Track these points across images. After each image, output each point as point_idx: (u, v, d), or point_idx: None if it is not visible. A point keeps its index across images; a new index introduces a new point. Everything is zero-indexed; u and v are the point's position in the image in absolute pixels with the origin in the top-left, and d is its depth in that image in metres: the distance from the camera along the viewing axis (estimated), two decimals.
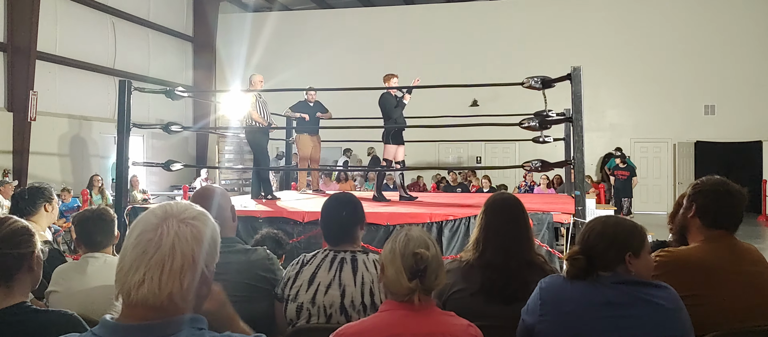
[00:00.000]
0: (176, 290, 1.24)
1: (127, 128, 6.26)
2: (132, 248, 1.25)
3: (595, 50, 15.59)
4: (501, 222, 2.50)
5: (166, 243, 1.24)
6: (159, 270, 1.22)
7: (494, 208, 2.57)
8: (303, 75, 15.32)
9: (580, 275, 2.00)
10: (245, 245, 2.63)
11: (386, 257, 1.91)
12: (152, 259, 1.23)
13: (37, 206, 3.53)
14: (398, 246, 1.89)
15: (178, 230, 1.26)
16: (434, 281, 1.87)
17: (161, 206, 1.33)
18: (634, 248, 2.03)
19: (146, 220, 1.29)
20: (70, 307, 2.43)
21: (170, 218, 1.28)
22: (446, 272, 2.02)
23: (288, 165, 10.55)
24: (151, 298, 1.22)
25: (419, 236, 1.92)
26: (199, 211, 1.35)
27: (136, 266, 1.23)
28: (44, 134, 12.49)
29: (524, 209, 2.60)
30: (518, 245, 2.46)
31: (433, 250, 1.89)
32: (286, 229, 5.76)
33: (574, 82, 5.45)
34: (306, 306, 2.37)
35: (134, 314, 1.23)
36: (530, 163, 5.67)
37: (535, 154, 11.54)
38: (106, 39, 14.48)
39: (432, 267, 1.86)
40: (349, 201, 2.60)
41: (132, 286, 1.22)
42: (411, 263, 1.84)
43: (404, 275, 1.83)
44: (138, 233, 1.27)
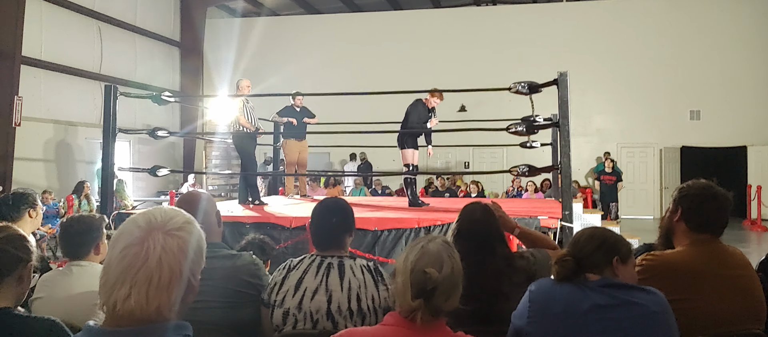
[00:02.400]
0: (164, 302, 1.23)
1: (113, 134, 6.21)
2: (117, 262, 1.23)
3: (582, 56, 15.71)
4: (467, 251, 2.39)
5: (153, 257, 1.22)
6: (146, 285, 1.21)
7: (461, 233, 2.58)
8: (290, 80, 15.29)
9: (568, 276, 1.98)
10: (231, 251, 2.60)
11: (399, 266, 1.81)
12: (139, 273, 1.21)
13: (21, 211, 3.50)
14: (411, 259, 1.78)
15: (164, 243, 1.25)
16: (444, 303, 1.75)
17: (144, 216, 1.30)
18: (622, 253, 2.05)
19: (130, 232, 1.26)
20: (55, 314, 2.40)
21: (155, 231, 1.26)
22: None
23: (275, 171, 10.51)
24: (139, 311, 1.20)
25: (436, 252, 1.79)
26: (184, 220, 1.33)
27: (121, 279, 1.21)
28: (29, 140, 12.37)
29: (495, 228, 2.61)
30: (488, 273, 2.45)
31: (448, 270, 1.77)
32: (273, 234, 5.73)
33: (560, 87, 5.47)
34: (292, 312, 2.35)
35: (119, 323, 1.22)
36: (517, 168, 5.68)
37: (523, 159, 11.51)
38: (92, 44, 14.38)
39: (442, 288, 1.73)
40: (340, 208, 2.58)
41: (118, 299, 1.20)
42: (419, 280, 1.73)
43: (409, 291, 1.73)
44: (123, 246, 1.24)
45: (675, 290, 2.17)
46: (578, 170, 15.16)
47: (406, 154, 7.60)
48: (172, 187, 15.67)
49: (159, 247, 1.24)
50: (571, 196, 5.52)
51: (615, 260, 2.01)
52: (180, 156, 17.44)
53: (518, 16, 16.87)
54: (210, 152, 15.77)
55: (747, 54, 15.45)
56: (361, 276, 2.39)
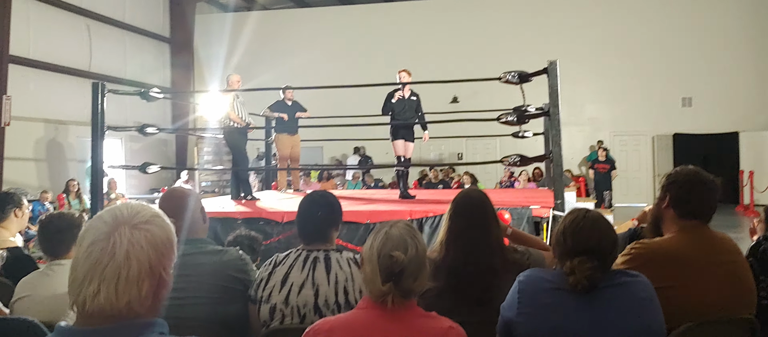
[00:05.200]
0: (134, 297, 1.20)
1: (102, 131, 6.17)
2: (84, 259, 1.20)
3: (574, 45, 15.67)
4: (464, 227, 2.49)
5: (120, 252, 1.20)
6: (114, 280, 1.18)
7: (457, 210, 2.56)
8: (283, 75, 15.13)
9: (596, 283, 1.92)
10: (217, 246, 2.58)
11: (365, 254, 1.87)
12: (106, 269, 1.19)
13: (7, 211, 3.48)
14: (376, 245, 1.84)
15: (130, 237, 1.22)
16: (412, 283, 1.81)
17: (110, 211, 1.27)
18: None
19: (96, 228, 1.24)
20: (38, 314, 2.37)
21: (121, 226, 1.23)
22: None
23: (268, 165, 10.47)
24: (108, 307, 1.18)
25: (399, 235, 1.84)
26: (151, 213, 1.30)
27: (89, 276, 1.18)
28: (19, 139, 12.28)
29: (491, 210, 2.59)
30: (482, 249, 2.45)
31: (413, 252, 1.82)
32: (265, 229, 5.71)
33: (550, 76, 5.46)
34: (279, 307, 2.33)
35: (91, 321, 1.19)
36: (509, 158, 5.67)
37: (515, 149, 11.48)
38: (80, 41, 14.27)
39: (409, 270, 1.79)
40: (326, 201, 2.55)
41: (87, 296, 1.18)
42: (386, 265, 1.78)
43: (378, 276, 1.78)
44: (89, 242, 1.22)
45: (664, 278, 2.16)
46: (571, 159, 15.16)
47: (395, 146, 7.61)
48: (165, 184, 15.61)
49: (126, 241, 1.21)
50: (563, 185, 5.51)
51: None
52: (172, 153, 17.36)
53: (510, 6, 16.81)
54: (202, 148, 15.70)
55: (738, 40, 15.45)
56: (348, 269, 2.37)
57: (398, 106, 7.50)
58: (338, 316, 1.92)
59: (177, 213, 2.33)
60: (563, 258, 1.98)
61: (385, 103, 7.55)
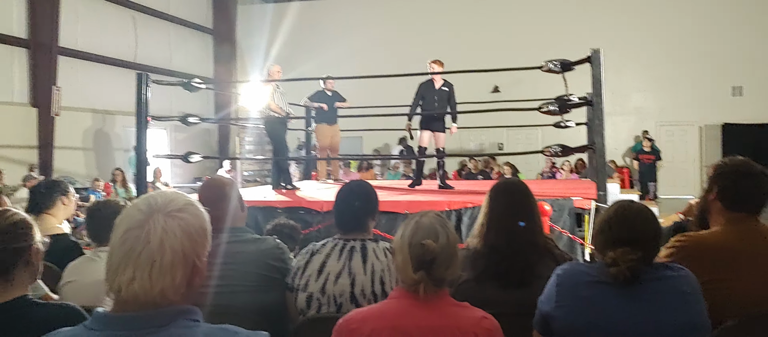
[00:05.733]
0: (168, 285, 1.21)
1: (145, 121, 6.29)
2: (119, 246, 1.22)
3: (618, 33, 15.30)
4: (503, 206, 2.45)
5: (154, 240, 1.21)
6: (148, 267, 1.20)
7: (497, 192, 2.53)
8: (323, 65, 15.21)
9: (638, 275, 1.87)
10: (255, 235, 2.60)
11: (396, 244, 1.88)
12: (141, 256, 1.20)
13: (54, 199, 3.55)
14: (407, 234, 1.84)
15: (164, 224, 1.23)
16: (444, 272, 1.80)
17: (145, 200, 1.28)
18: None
19: (131, 216, 1.25)
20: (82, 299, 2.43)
21: (156, 214, 1.24)
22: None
23: (307, 155, 10.53)
24: (143, 294, 1.19)
25: (430, 224, 1.85)
26: (185, 201, 1.31)
27: (124, 263, 1.20)
28: (68, 129, 12.66)
29: (530, 193, 2.54)
30: (522, 229, 2.40)
31: (444, 240, 1.82)
32: (305, 218, 5.75)
33: (593, 65, 5.34)
34: (316, 296, 2.34)
35: (126, 308, 1.21)
36: (550, 148, 5.57)
37: (557, 139, 11.28)
38: (126, 33, 14.61)
39: (441, 259, 1.79)
40: (363, 191, 2.55)
41: (122, 283, 1.19)
42: (418, 253, 1.78)
43: (410, 265, 1.79)
44: (124, 229, 1.23)
45: (709, 271, 2.09)
46: (615, 149, 14.85)
47: (421, 136, 7.65)
48: (208, 173, 15.88)
49: (160, 229, 1.22)
50: (606, 176, 5.40)
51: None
52: (215, 142, 17.67)
53: None
54: (244, 138, 15.91)
55: None
56: (384, 259, 2.37)
57: (427, 96, 7.46)
58: (371, 306, 1.92)
59: (216, 202, 2.36)
60: (605, 248, 1.93)
61: (421, 93, 7.53)
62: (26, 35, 11.95)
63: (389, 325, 1.76)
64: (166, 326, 1.21)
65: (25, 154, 11.78)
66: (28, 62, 12.02)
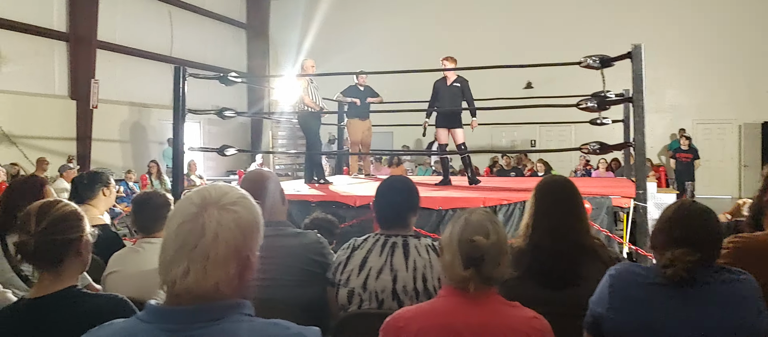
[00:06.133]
0: (222, 278, 1.20)
1: (183, 114, 6.36)
2: (173, 239, 1.22)
3: (654, 29, 14.97)
4: (549, 204, 2.41)
5: (209, 233, 1.20)
6: (203, 261, 1.19)
7: (543, 191, 2.49)
8: (355, 59, 15.20)
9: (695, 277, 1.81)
10: (296, 229, 2.60)
11: (444, 241, 1.84)
12: (195, 250, 1.19)
13: (96, 190, 3.61)
14: (456, 231, 1.81)
15: (219, 218, 1.22)
16: (493, 270, 1.77)
17: (198, 193, 1.28)
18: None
19: (184, 209, 1.24)
20: (126, 289, 2.46)
21: (210, 206, 1.23)
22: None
23: (339, 150, 10.56)
24: (197, 288, 1.19)
25: (479, 221, 1.82)
26: (238, 194, 1.31)
27: (179, 256, 1.19)
28: (106, 121, 12.89)
29: (576, 192, 2.49)
30: (568, 227, 2.36)
31: (494, 237, 1.79)
32: (339, 213, 5.75)
33: (634, 61, 5.22)
34: (357, 291, 2.33)
35: (179, 301, 1.21)
36: (588, 145, 5.48)
37: (591, 136, 11.17)
38: (163, 27, 14.81)
39: (490, 255, 1.76)
40: (405, 186, 2.52)
41: (176, 276, 1.19)
42: (467, 250, 1.75)
43: (460, 262, 1.76)
44: (178, 223, 1.23)
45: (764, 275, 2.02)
46: (651, 147, 14.55)
47: (437, 134, 7.67)
48: (241, 166, 16.03)
49: (214, 222, 1.21)
50: (645, 174, 5.29)
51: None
52: (248, 136, 17.81)
53: None
54: (277, 132, 16.01)
55: None
56: (426, 255, 2.34)
57: (441, 93, 7.47)
58: (418, 305, 1.89)
59: (258, 195, 2.34)
60: (663, 249, 1.87)
61: (436, 91, 7.57)
62: (66, 29, 12.19)
63: (438, 323, 1.73)
64: (220, 321, 1.20)
65: (64, 145, 12.03)
66: (67, 56, 12.27)
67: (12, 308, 1.83)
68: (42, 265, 1.80)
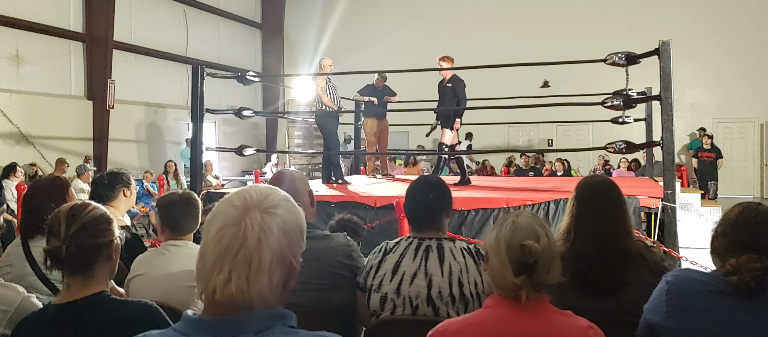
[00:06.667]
0: (266, 286, 1.12)
1: (201, 113, 6.30)
2: (214, 244, 1.12)
3: (672, 26, 14.77)
4: (592, 209, 2.29)
5: (252, 238, 1.12)
6: (246, 268, 1.10)
7: (585, 193, 2.35)
8: (371, 58, 15.13)
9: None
10: (324, 231, 2.52)
11: (491, 246, 1.72)
12: (238, 256, 1.11)
13: (117, 191, 3.55)
14: (504, 235, 1.69)
15: (262, 222, 1.13)
16: (546, 275, 1.66)
17: (239, 195, 1.19)
18: None
19: (225, 212, 1.16)
20: (152, 293, 2.39)
21: (252, 209, 1.15)
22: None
23: (356, 149, 10.49)
24: (240, 296, 1.10)
25: (528, 224, 1.71)
26: (281, 197, 1.22)
27: (219, 264, 1.11)
28: (122, 121, 12.91)
29: (620, 194, 2.37)
30: (611, 233, 2.24)
31: (545, 241, 1.68)
32: (358, 214, 5.66)
33: (662, 58, 5.10)
34: (390, 297, 2.23)
35: (220, 311, 1.12)
36: (614, 144, 5.35)
37: (610, 135, 11.07)
38: (178, 28, 14.82)
39: (543, 261, 1.65)
40: (437, 184, 2.43)
41: (217, 285, 1.10)
42: (517, 256, 1.64)
43: (509, 269, 1.64)
44: (219, 226, 1.14)
45: None
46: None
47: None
48: (256, 166, 16.01)
49: (257, 226, 1.13)
50: (674, 174, 5.16)
51: None
52: (263, 136, 17.79)
53: None
54: (292, 132, 15.95)
55: None
56: (462, 259, 2.24)
57: (439, 94, 7.48)
58: (465, 316, 1.78)
59: None
60: (727, 254, 1.75)
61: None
62: (82, 30, 12.21)
63: (488, 335, 1.63)
64: (264, 332, 1.12)
65: (81, 146, 12.05)
66: (84, 56, 12.29)
67: (40, 313, 1.77)
68: (73, 269, 1.73)
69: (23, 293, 1.98)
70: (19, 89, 10.98)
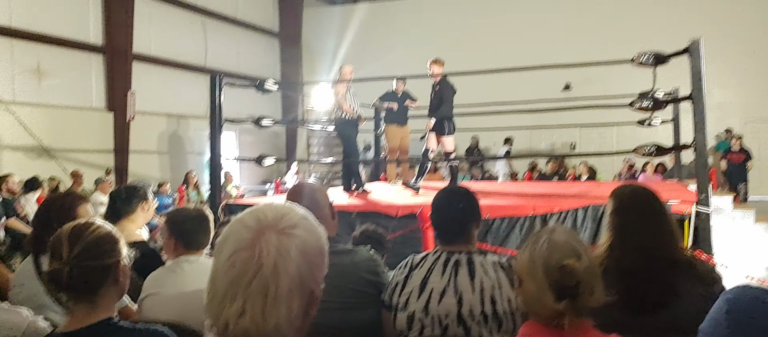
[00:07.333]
0: (283, 317, 0.99)
1: (220, 123, 6.22)
2: (225, 271, 1.00)
3: (697, 24, 14.45)
4: (636, 220, 2.11)
5: (267, 264, 0.99)
6: (262, 298, 0.98)
7: (626, 203, 2.18)
8: (391, 65, 14.99)
9: None
10: (346, 245, 2.39)
11: (524, 268, 1.56)
12: (252, 284, 0.98)
13: (134, 204, 3.47)
14: (539, 255, 1.53)
15: (278, 245, 1.01)
16: (590, 298, 1.50)
17: (252, 214, 1.07)
18: None
19: (237, 234, 1.03)
20: (166, 313, 2.28)
21: (267, 230, 1.02)
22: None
23: (376, 157, 10.38)
24: (254, 330, 0.98)
25: (566, 241, 1.54)
26: (299, 216, 1.10)
27: (232, 293, 0.98)
28: (143, 133, 12.92)
29: (661, 201, 2.20)
30: (660, 244, 2.07)
31: (586, 259, 1.52)
32: (380, 224, 5.54)
33: (693, 56, 4.94)
34: (418, 316, 2.09)
35: None
36: (644, 147, 5.17)
37: (634, 138, 10.81)
38: (196, 38, 14.85)
39: (586, 282, 1.48)
40: (465, 194, 2.28)
41: (230, 317, 0.98)
42: (557, 278, 1.48)
43: (549, 293, 1.49)
44: (230, 251, 1.01)
45: None
46: None
47: (428, 139, 7.56)
48: (277, 176, 15.96)
49: (273, 250, 1.01)
50: (707, 178, 4.96)
51: None
52: (282, 145, 17.76)
53: None
54: (312, 140, 15.90)
55: None
56: (494, 275, 2.09)
57: (431, 97, 7.36)
58: None
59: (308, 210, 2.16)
60: None
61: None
62: (102, 42, 12.26)
63: None
64: None
65: (102, 158, 12.08)
66: (104, 68, 12.34)
67: None
68: (76, 294, 1.61)
69: (28, 317, 1.88)
70: (41, 102, 11.03)
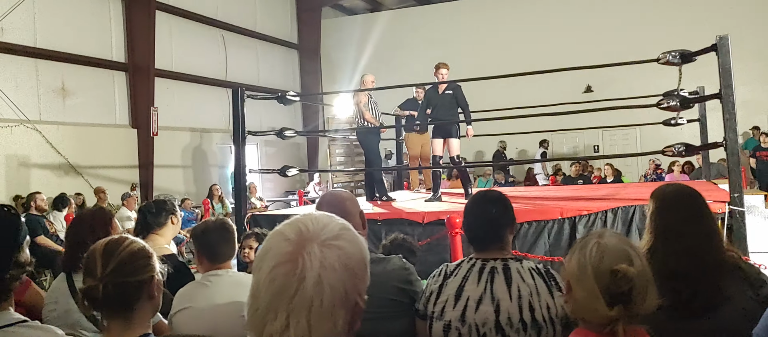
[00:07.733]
0: (329, 331, 0.97)
1: (243, 135, 6.24)
2: (267, 285, 0.98)
3: (720, 23, 14.25)
4: (680, 222, 2.03)
5: (311, 277, 0.97)
6: (306, 312, 0.96)
7: (669, 204, 2.10)
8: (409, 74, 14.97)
9: None
10: (378, 254, 2.36)
11: (573, 274, 1.51)
12: (295, 298, 0.96)
13: (164, 218, 3.49)
14: (589, 260, 1.48)
15: (321, 257, 0.98)
16: (643, 304, 1.45)
17: (292, 226, 1.04)
18: None
19: (278, 247, 1.01)
20: (198, 328, 2.27)
21: (309, 243, 1.00)
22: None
23: (399, 165, 10.37)
24: None
25: (617, 245, 1.49)
26: (341, 226, 1.07)
27: (274, 308, 0.96)
28: (167, 148, 13.05)
29: (705, 203, 2.13)
30: (705, 246, 2.00)
31: (639, 263, 1.47)
32: (406, 231, 5.50)
33: (721, 53, 4.84)
34: (454, 325, 2.04)
35: None
36: (673, 147, 5.07)
37: (659, 137, 10.67)
38: (217, 52, 14.98)
39: (639, 287, 1.43)
40: (498, 198, 2.24)
41: (274, 333, 0.96)
42: (609, 284, 1.44)
43: (601, 300, 1.44)
44: (272, 264, 0.99)
45: None
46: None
47: (433, 145, 7.43)
48: (300, 186, 16.01)
49: (316, 262, 0.98)
50: (740, 177, 4.85)
51: None
52: (304, 155, 17.83)
53: None
54: (334, 150, 15.91)
55: None
56: (532, 281, 2.04)
57: (434, 102, 7.22)
58: None
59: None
60: None
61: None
62: (125, 60, 12.42)
63: None
64: None
65: (127, 173, 12.21)
66: (127, 85, 12.49)
67: None
68: (111, 311, 1.60)
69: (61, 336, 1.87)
70: (66, 121, 11.18)
